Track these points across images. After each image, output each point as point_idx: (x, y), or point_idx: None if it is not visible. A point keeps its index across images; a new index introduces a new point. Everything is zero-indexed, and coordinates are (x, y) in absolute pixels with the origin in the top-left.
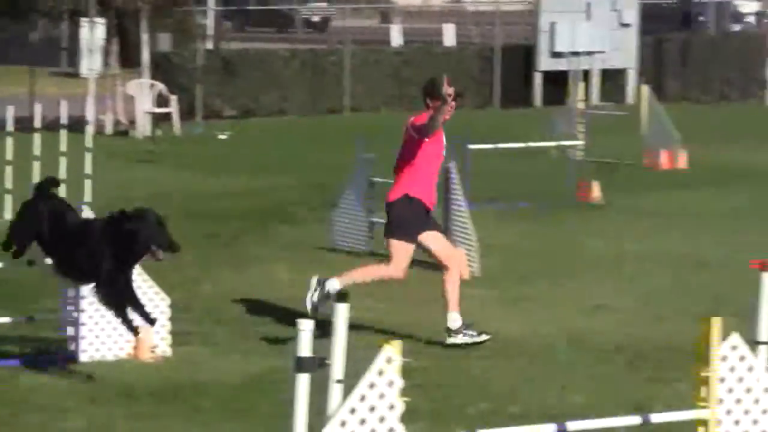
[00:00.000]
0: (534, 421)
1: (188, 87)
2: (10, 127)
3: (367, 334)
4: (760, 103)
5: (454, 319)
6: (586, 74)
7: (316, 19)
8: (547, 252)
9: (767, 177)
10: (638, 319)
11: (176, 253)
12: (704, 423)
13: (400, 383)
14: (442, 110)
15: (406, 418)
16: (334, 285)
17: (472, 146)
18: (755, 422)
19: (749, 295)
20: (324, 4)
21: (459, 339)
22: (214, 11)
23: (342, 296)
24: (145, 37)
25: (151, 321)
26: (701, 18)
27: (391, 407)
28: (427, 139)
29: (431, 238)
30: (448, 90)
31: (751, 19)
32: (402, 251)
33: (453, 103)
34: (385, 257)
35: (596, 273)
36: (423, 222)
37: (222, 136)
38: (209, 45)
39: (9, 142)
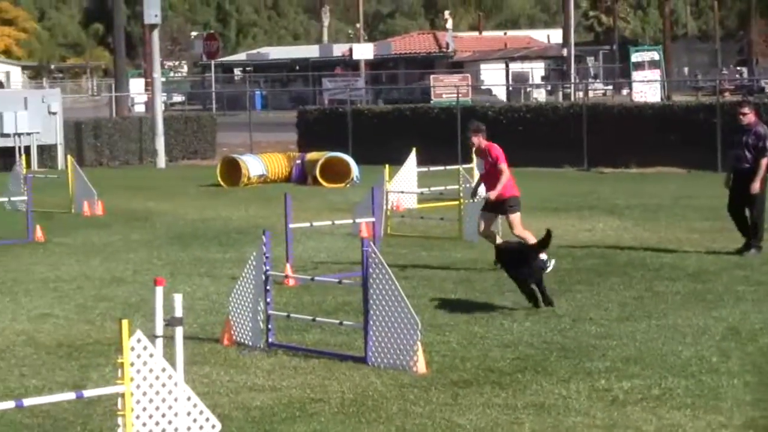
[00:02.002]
0: (0, 400)
1: None
2: None
3: None
4: (154, 166)
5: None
6: (28, 148)
7: None
8: (5, 277)
9: (162, 217)
10: (74, 323)
11: None
12: (122, 395)
13: None
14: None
15: None
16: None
17: None
18: (157, 393)
19: (151, 301)
20: None
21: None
22: None
23: None
24: None
25: None
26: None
27: None
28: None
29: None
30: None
31: (142, 107)
32: None
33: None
34: None
35: (42, 290)
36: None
37: None
38: None
39: None
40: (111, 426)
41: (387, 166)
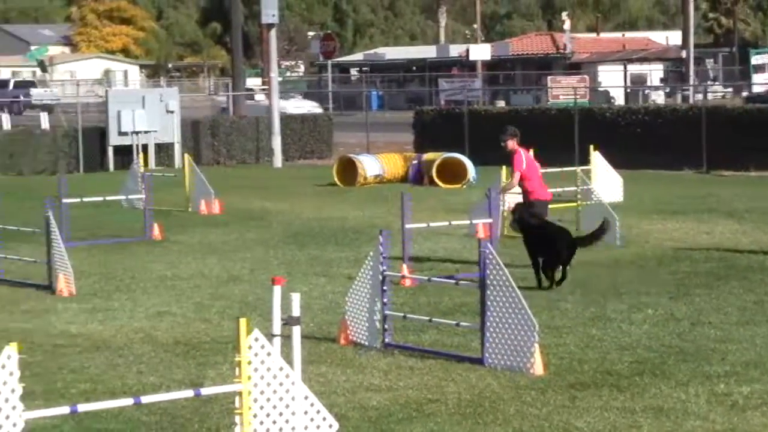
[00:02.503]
0: (119, 396)
1: None
2: None
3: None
4: (270, 166)
5: None
6: (145, 147)
7: None
8: (124, 274)
9: (279, 216)
10: (191, 321)
11: None
12: (240, 393)
13: (18, 373)
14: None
15: (25, 399)
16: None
17: (65, 200)
18: (275, 392)
19: (268, 300)
20: None
21: None
22: None
23: None
24: None
25: None
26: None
27: (13, 391)
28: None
29: None
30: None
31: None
32: None
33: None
34: None
35: (160, 288)
36: None
37: None
38: None
39: None
40: (228, 424)
41: (504, 167)
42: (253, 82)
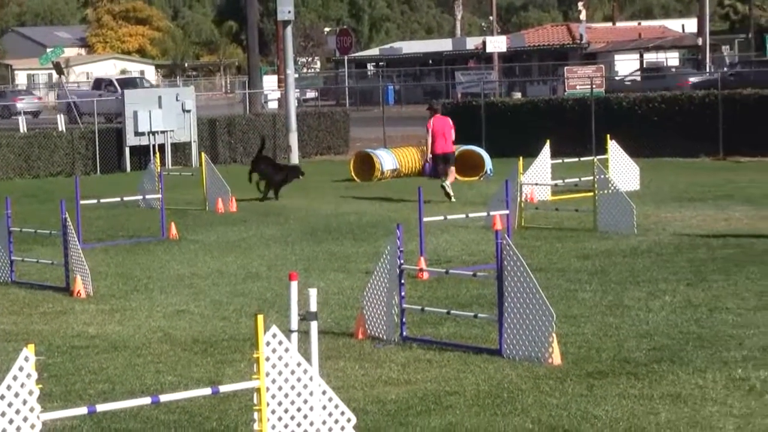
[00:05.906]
0: (138, 396)
1: None
2: None
3: (17, 341)
4: (287, 162)
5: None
6: (162, 147)
7: None
8: (141, 274)
9: (296, 212)
10: (209, 319)
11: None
12: (258, 390)
13: (35, 375)
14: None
15: (43, 400)
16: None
17: (82, 201)
18: (292, 387)
19: (285, 296)
20: None
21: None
22: None
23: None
24: None
25: None
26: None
27: (31, 393)
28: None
29: None
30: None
31: (275, 104)
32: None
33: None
34: None
35: (177, 287)
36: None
37: None
38: None
39: None
40: (246, 420)
41: (520, 158)
42: (269, 79)
